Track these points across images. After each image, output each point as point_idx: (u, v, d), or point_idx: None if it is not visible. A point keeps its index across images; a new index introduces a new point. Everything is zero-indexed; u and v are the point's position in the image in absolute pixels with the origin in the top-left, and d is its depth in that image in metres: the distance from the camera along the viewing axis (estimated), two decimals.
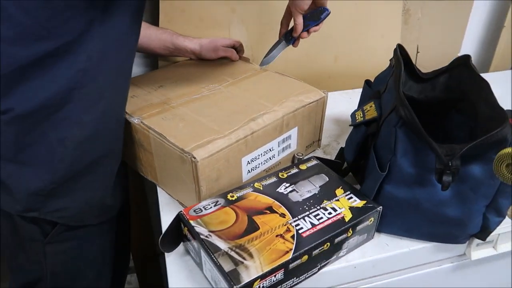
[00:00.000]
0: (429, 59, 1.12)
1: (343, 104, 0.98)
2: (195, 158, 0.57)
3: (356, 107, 0.95)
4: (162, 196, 0.70)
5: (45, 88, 0.54)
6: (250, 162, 0.67)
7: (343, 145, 0.82)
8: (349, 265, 0.60)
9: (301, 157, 0.75)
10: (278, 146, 0.71)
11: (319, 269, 0.57)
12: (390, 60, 0.74)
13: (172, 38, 0.83)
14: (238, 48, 0.91)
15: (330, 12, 0.75)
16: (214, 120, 0.66)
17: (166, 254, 0.59)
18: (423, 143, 0.55)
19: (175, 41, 0.82)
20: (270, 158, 0.71)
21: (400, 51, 0.71)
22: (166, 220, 0.65)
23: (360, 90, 1.03)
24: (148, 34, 0.82)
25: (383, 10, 1.02)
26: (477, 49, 1.23)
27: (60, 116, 0.56)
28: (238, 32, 0.97)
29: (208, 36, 0.89)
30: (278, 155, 0.72)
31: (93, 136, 0.60)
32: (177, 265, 0.58)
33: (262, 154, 0.69)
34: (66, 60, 0.52)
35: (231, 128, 0.63)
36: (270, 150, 0.70)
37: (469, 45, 1.20)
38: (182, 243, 0.60)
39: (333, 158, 0.80)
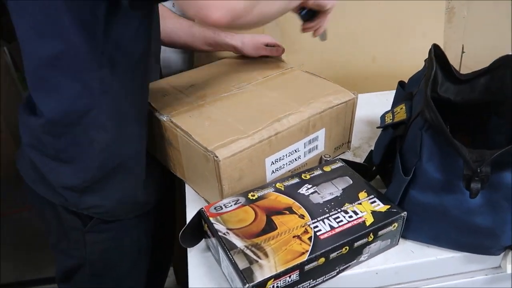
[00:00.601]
0: (475, 60, 1.06)
1: (378, 105, 0.94)
2: (217, 157, 0.59)
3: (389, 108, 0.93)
4: (189, 193, 0.72)
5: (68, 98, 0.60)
6: (274, 162, 0.67)
7: None
8: (371, 271, 0.58)
9: (328, 159, 0.74)
10: (304, 147, 0.71)
11: (338, 273, 0.56)
12: (425, 60, 0.71)
13: (214, 35, 0.85)
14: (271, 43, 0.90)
15: (306, 12, 0.72)
16: (239, 119, 0.67)
17: (188, 249, 0.61)
18: (450, 148, 0.53)
19: (217, 38, 0.85)
20: (295, 159, 0.71)
21: (436, 51, 0.68)
22: (190, 216, 0.67)
23: None
24: (192, 32, 0.85)
25: (425, 8, 0.98)
26: None
27: (87, 122, 0.61)
28: (272, 34, 0.97)
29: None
30: (305, 156, 0.72)
31: (117, 139, 0.65)
32: (198, 261, 0.60)
33: (287, 155, 0.69)
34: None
35: (255, 128, 0.64)
36: (295, 151, 0.70)
37: None
38: (203, 239, 0.62)
39: (363, 160, 0.78)
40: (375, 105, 0.95)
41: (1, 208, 1.87)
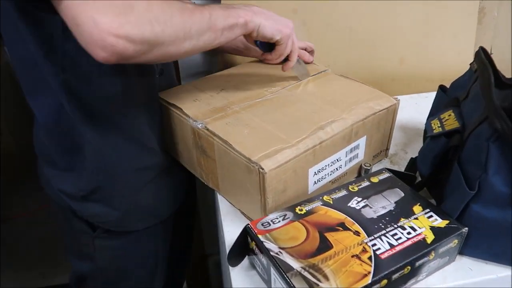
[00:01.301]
0: (504, 62, 1.03)
1: (409, 109, 0.91)
2: (263, 169, 0.54)
3: (422, 113, 0.89)
4: (223, 204, 0.68)
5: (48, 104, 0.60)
6: (317, 173, 0.63)
7: (412, 155, 0.77)
8: None
9: (368, 168, 0.70)
10: (346, 156, 0.67)
11: None
12: (471, 64, 0.68)
13: (242, 38, 0.79)
14: (309, 53, 0.86)
15: (259, 43, 0.68)
16: (279, 126, 0.63)
17: (230, 268, 0.57)
18: None
19: (245, 41, 0.79)
20: (337, 169, 0.67)
21: (484, 54, 0.64)
22: (228, 230, 0.63)
23: (427, 94, 0.98)
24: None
25: (457, 8, 0.94)
26: None
27: (72, 131, 0.61)
28: (299, 33, 0.92)
29: None
30: (345, 165, 0.68)
31: (103, 148, 0.64)
32: (242, 280, 0.56)
33: (329, 165, 0.65)
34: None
35: (299, 137, 0.60)
36: (337, 160, 0.65)
37: None
38: (247, 256, 0.57)
39: (401, 168, 0.75)
40: (405, 109, 0.91)
41: (1, 212, 1.80)
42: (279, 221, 0.54)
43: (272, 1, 0.88)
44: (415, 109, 0.91)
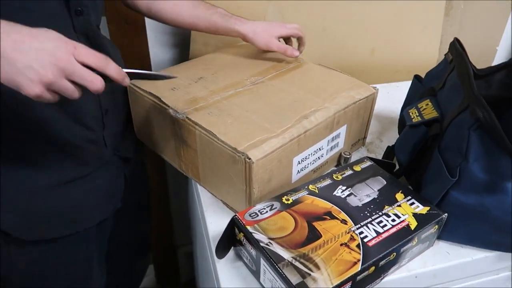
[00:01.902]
0: (470, 54, 1.08)
1: (382, 99, 0.92)
2: (250, 159, 0.53)
3: (395, 102, 0.92)
4: (205, 196, 0.66)
5: None
6: (300, 162, 0.62)
7: (387, 143, 0.78)
8: (410, 275, 0.56)
9: (348, 157, 0.71)
10: (328, 145, 0.67)
11: (381, 279, 0.53)
12: (446, 54, 0.70)
13: (222, 21, 0.75)
14: (298, 41, 0.80)
15: None
16: (263, 116, 0.61)
17: (216, 260, 0.56)
18: (498, 148, 0.51)
19: (225, 24, 0.75)
20: (319, 158, 0.67)
21: (460, 45, 0.66)
22: (211, 221, 0.62)
23: (398, 84, 1.00)
24: (196, 15, 0.75)
25: (425, 1, 0.97)
26: None
27: None
28: (274, 21, 0.92)
29: None
30: (327, 154, 0.68)
31: None
32: (229, 272, 0.55)
33: (312, 154, 0.64)
34: None
35: (283, 126, 0.59)
36: (320, 149, 0.66)
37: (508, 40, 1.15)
38: (232, 247, 0.56)
39: (377, 157, 0.76)
40: (378, 98, 0.92)
41: None
42: (267, 212, 0.54)
43: None
44: (387, 98, 0.93)
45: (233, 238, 0.54)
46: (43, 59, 0.41)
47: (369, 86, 0.72)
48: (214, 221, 0.62)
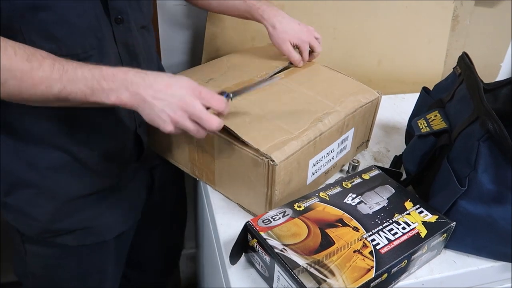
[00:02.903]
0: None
1: (388, 109, 0.95)
2: (273, 161, 0.54)
3: (400, 113, 0.93)
4: (215, 198, 0.67)
5: None
6: (315, 164, 0.64)
7: (394, 152, 0.80)
8: (418, 282, 0.57)
9: (356, 164, 0.72)
10: (338, 147, 0.69)
11: (392, 286, 0.54)
12: (454, 68, 0.71)
13: (248, 7, 0.75)
14: (311, 47, 0.78)
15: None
16: (278, 116, 0.62)
17: (227, 266, 0.56)
18: (507, 159, 0.53)
19: (250, 10, 0.75)
20: (330, 160, 0.68)
21: (468, 58, 0.68)
22: (222, 223, 0.63)
23: (404, 95, 1.02)
24: (225, 4, 0.75)
25: (432, 15, 0.99)
26: None
27: None
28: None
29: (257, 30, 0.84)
30: (336, 156, 0.70)
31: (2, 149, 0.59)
32: (240, 278, 0.55)
33: (325, 156, 0.66)
34: None
35: (300, 128, 0.60)
36: (331, 151, 0.67)
37: None
38: (244, 254, 0.57)
39: (385, 166, 0.77)
40: (385, 109, 0.94)
41: None
42: (280, 218, 0.55)
43: None
44: (393, 109, 0.95)
45: (245, 244, 0.55)
46: (173, 104, 0.50)
47: (373, 91, 0.74)
48: (225, 225, 0.62)
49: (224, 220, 0.63)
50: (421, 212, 0.58)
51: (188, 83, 0.52)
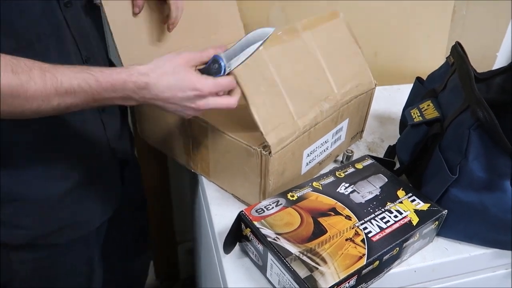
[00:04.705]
0: (472, 59, 1.10)
1: (383, 100, 0.95)
2: (270, 152, 0.55)
3: (395, 104, 0.94)
4: (210, 191, 0.67)
5: None
6: (309, 154, 0.65)
7: (388, 143, 0.80)
8: (410, 269, 0.58)
9: (350, 155, 0.73)
10: (332, 138, 0.69)
11: (384, 274, 0.55)
12: (447, 57, 0.72)
13: None
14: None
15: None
16: (289, 90, 0.59)
17: (222, 255, 0.57)
18: (497, 147, 0.53)
19: None
20: (324, 150, 0.69)
21: (461, 48, 0.68)
22: (216, 213, 0.63)
23: (399, 86, 1.02)
24: None
25: (432, 7, 0.98)
26: None
27: None
28: (276, 19, 0.93)
29: (248, 24, 0.84)
30: (331, 146, 0.70)
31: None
32: (234, 267, 0.56)
33: (319, 146, 0.67)
34: None
35: (302, 113, 0.60)
36: (325, 142, 0.68)
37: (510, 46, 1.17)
38: (238, 243, 0.58)
39: (379, 156, 0.77)
40: (380, 100, 0.95)
41: None
42: (273, 208, 0.55)
43: None
44: (388, 100, 0.95)
45: (239, 233, 0.56)
46: (185, 107, 0.51)
47: (372, 79, 0.74)
48: (219, 216, 0.63)
49: (219, 210, 0.64)
50: (413, 200, 0.59)
51: (191, 82, 0.50)
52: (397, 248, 0.53)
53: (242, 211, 0.54)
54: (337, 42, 0.71)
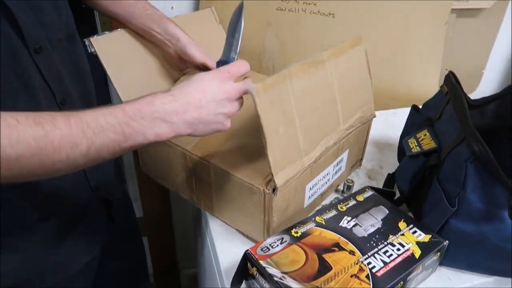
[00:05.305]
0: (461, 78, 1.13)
1: (380, 125, 0.96)
2: (269, 190, 0.56)
3: (392, 129, 0.95)
4: (214, 224, 0.68)
5: None
6: (311, 188, 0.66)
7: (387, 169, 0.82)
8: None
9: (351, 184, 0.74)
10: (333, 169, 0.71)
11: None
12: (441, 86, 0.74)
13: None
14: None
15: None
16: (304, 127, 0.58)
17: None
18: (493, 178, 0.54)
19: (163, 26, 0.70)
20: (326, 182, 0.70)
21: (454, 77, 0.70)
22: (222, 249, 0.64)
23: (395, 110, 1.04)
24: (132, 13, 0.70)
25: (425, 32, 1.00)
26: (502, 68, 1.24)
27: None
28: (271, 45, 0.96)
29: (244, 48, 0.86)
30: (332, 178, 0.72)
31: None
32: None
33: (321, 179, 0.68)
34: None
35: (310, 151, 0.60)
36: (327, 174, 0.69)
37: (497, 63, 1.21)
38: (244, 281, 0.58)
39: (379, 183, 0.79)
40: (376, 124, 0.95)
41: None
42: (278, 245, 0.56)
43: (248, 13, 0.90)
44: (385, 124, 0.97)
45: (245, 272, 0.56)
46: (219, 104, 0.49)
47: (372, 109, 0.75)
48: (225, 251, 0.64)
49: (224, 246, 0.65)
50: (414, 232, 0.60)
51: (213, 74, 0.50)
52: (401, 282, 0.54)
53: (247, 250, 0.55)
54: (354, 72, 0.69)
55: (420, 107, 0.79)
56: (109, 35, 0.70)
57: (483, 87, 1.23)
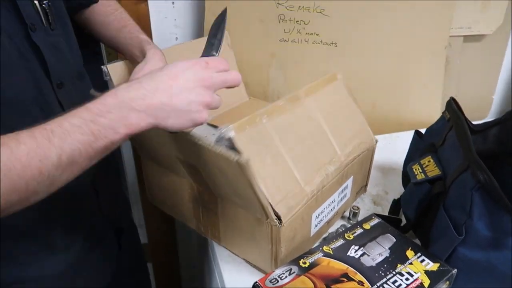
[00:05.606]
0: (463, 104, 1.14)
1: (384, 149, 0.97)
2: (276, 221, 0.56)
3: (396, 153, 0.96)
4: (221, 254, 0.68)
5: None
6: (318, 216, 0.67)
7: (392, 195, 0.82)
8: None
9: (357, 211, 0.74)
10: (338, 196, 0.71)
11: None
12: (443, 113, 0.75)
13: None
14: None
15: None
16: (294, 158, 0.60)
17: None
18: (499, 206, 0.55)
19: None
20: (331, 210, 0.71)
21: (456, 104, 0.71)
22: (230, 281, 0.64)
23: (398, 134, 1.05)
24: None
25: (425, 60, 1.02)
26: (503, 92, 1.24)
27: None
28: (276, 76, 0.98)
29: (248, 83, 0.88)
30: (337, 205, 0.72)
31: None
32: None
33: (326, 207, 0.68)
34: None
35: (307, 179, 0.62)
36: (332, 202, 0.70)
37: (498, 87, 1.22)
38: None
39: (384, 209, 0.80)
40: (380, 149, 0.97)
41: None
42: (286, 277, 0.56)
43: (252, 45, 0.92)
44: (388, 149, 0.98)
45: None
46: (194, 89, 0.45)
47: (372, 136, 0.77)
48: (233, 282, 0.64)
49: (232, 278, 0.65)
50: (422, 260, 0.60)
51: (188, 62, 0.46)
52: None
53: (256, 281, 0.55)
54: (337, 104, 0.74)
55: (423, 132, 0.80)
56: (124, 61, 0.74)
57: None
